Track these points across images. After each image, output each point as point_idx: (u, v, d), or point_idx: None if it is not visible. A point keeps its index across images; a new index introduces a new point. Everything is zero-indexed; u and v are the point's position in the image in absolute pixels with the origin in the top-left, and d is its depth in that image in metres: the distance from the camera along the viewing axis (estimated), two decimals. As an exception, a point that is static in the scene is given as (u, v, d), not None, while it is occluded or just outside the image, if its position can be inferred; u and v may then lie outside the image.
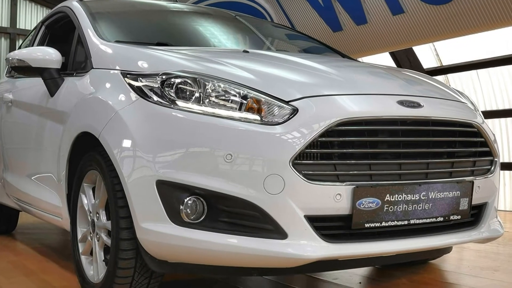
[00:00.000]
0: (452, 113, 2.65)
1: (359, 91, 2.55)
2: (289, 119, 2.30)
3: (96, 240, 2.74)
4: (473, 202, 2.63)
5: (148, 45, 3.08)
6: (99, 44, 3.10)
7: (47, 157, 3.28)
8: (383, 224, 2.36)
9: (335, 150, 2.30)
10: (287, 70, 2.73)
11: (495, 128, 8.33)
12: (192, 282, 3.12)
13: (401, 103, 2.49)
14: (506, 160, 8.25)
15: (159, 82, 2.48)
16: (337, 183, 2.28)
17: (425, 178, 2.47)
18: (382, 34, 6.85)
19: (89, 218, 2.82)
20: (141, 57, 2.77)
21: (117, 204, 2.48)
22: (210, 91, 2.40)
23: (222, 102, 2.38)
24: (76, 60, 3.32)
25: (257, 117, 2.33)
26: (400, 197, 2.38)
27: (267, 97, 2.36)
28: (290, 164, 2.22)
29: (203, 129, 2.32)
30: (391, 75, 2.99)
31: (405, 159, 2.43)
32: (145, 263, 2.49)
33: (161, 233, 2.33)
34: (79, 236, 2.90)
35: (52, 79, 3.26)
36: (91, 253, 2.81)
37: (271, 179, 2.23)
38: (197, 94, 2.41)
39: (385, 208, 2.35)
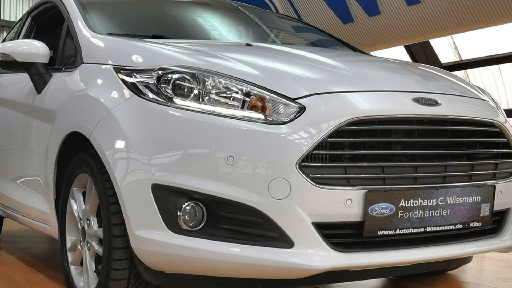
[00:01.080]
0: (472, 112, 2.65)
1: (371, 87, 2.56)
2: (295, 118, 2.30)
3: (86, 249, 2.75)
4: (495, 208, 2.63)
5: (143, 38, 3.09)
6: (90, 36, 3.11)
7: (33, 159, 3.29)
8: (398, 231, 2.36)
9: (346, 152, 2.30)
10: (293, 65, 2.74)
11: (518, 127, 8.31)
12: (190, 294, 3.12)
13: (417, 100, 2.49)
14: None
15: (155, 78, 2.48)
16: (348, 187, 2.28)
17: (443, 182, 2.47)
18: (396, 26, 6.86)
19: (79, 225, 2.82)
20: (135, 51, 2.77)
21: (109, 210, 2.48)
22: (210, 87, 2.41)
23: (223, 100, 2.38)
24: (65, 54, 3.33)
25: (261, 116, 2.33)
26: (415, 203, 2.38)
27: (271, 94, 2.36)
28: (297, 166, 2.22)
29: (203, 128, 2.32)
30: (406, 70, 2.99)
31: (421, 161, 2.43)
32: (139, 274, 2.50)
33: (157, 242, 2.34)
34: (68, 244, 2.91)
35: (39, 75, 3.27)
36: (81, 263, 2.82)
37: (276, 183, 2.23)
38: (196, 91, 2.41)
39: (400, 215, 2.35)
